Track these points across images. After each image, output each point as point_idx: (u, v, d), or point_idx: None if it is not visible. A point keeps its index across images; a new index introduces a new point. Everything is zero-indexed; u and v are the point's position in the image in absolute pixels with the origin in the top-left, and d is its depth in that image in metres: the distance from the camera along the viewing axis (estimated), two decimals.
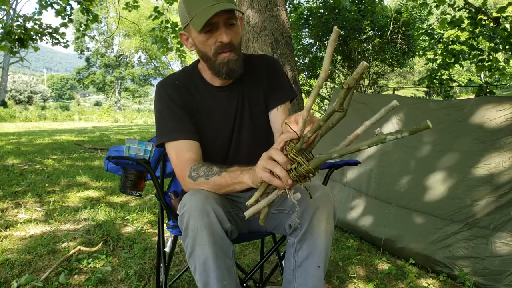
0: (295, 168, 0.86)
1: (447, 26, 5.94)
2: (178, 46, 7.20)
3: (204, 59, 1.23)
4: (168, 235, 1.59)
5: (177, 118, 1.21)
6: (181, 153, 1.16)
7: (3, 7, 6.96)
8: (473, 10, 5.83)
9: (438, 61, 6.62)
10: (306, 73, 10.18)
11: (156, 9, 6.98)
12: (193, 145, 1.18)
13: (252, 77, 1.30)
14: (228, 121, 1.27)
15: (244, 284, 1.37)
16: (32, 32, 6.80)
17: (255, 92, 1.30)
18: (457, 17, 5.90)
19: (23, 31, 6.58)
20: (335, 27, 0.76)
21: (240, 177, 1.00)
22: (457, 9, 5.95)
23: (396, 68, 10.84)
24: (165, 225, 1.41)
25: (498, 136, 1.91)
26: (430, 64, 6.89)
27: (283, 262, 1.28)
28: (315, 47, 9.85)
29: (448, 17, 5.99)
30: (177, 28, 7.05)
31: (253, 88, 1.30)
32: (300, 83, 5.99)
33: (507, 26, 5.61)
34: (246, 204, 0.94)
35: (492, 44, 5.88)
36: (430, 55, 7.33)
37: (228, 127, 1.27)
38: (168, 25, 7.12)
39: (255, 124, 1.29)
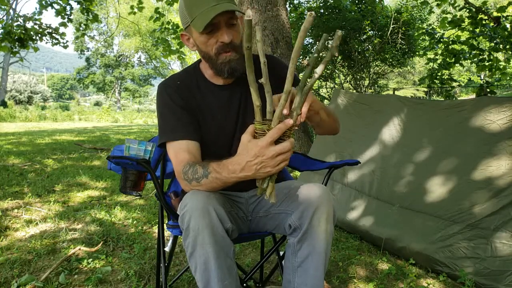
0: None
1: (447, 25, 5.94)
2: (178, 47, 7.19)
3: (206, 59, 1.24)
4: (168, 235, 1.59)
5: (177, 118, 1.21)
6: (179, 153, 1.16)
7: (3, 7, 6.96)
8: (474, 9, 5.83)
9: (438, 61, 6.62)
10: None
11: (157, 10, 6.97)
12: (191, 146, 1.18)
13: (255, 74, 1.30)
14: (230, 119, 1.27)
15: (244, 284, 1.37)
16: (32, 32, 6.80)
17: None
18: (457, 16, 5.90)
19: (23, 31, 6.58)
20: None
21: (231, 176, 0.99)
22: (457, 8, 5.95)
23: (396, 68, 10.83)
24: (165, 225, 1.41)
25: (499, 138, 1.91)
26: (431, 64, 6.89)
27: (283, 262, 1.28)
28: (315, 47, 9.83)
29: (449, 16, 5.99)
30: (178, 30, 7.04)
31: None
32: None
33: (508, 25, 5.61)
34: (265, 198, 1.00)
35: (492, 44, 5.88)
36: (430, 55, 7.33)
37: (230, 125, 1.28)
38: (169, 26, 7.10)
39: None
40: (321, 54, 0.95)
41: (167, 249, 1.51)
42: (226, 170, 0.99)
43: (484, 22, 5.85)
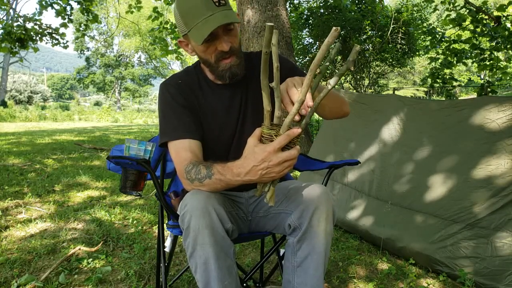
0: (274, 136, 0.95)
1: (449, 23, 5.94)
2: (176, 47, 7.20)
3: (206, 65, 1.24)
4: (167, 234, 1.60)
5: (178, 117, 1.21)
6: (180, 153, 1.16)
7: (3, 7, 6.97)
8: (474, 9, 5.83)
9: (439, 60, 6.62)
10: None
11: (155, 9, 6.97)
12: (193, 145, 1.18)
13: (255, 73, 1.30)
14: (231, 118, 1.27)
15: (244, 284, 1.37)
16: (32, 33, 6.80)
17: (258, 88, 1.30)
18: (460, 15, 5.90)
19: (23, 32, 6.58)
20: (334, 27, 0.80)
21: (235, 179, 0.99)
22: (458, 7, 5.96)
23: (396, 68, 10.84)
24: (165, 225, 1.41)
25: (499, 137, 1.91)
26: (433, 63, 6.89)
27: (282, 262, 1.28)
28: (315, 47, 9.85)
29: (453, 13, 5.99)
30: (176, 29, 7.06)
31: (256, 84, 1.30)
32: None
33: (508, 25, 5.61)
34: (264, 200, 1.01)
35: (493, 44, 5.88)
36: (432, 54, 7.33)
37: (231, 123, 1.27)
38: (168, 26, 7.11)
39: (259, 119, 1.30)
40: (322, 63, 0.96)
41: (167, 249, 1.51)
42: (230, 172, 0.99)
43: (484, 21, 5.86)
